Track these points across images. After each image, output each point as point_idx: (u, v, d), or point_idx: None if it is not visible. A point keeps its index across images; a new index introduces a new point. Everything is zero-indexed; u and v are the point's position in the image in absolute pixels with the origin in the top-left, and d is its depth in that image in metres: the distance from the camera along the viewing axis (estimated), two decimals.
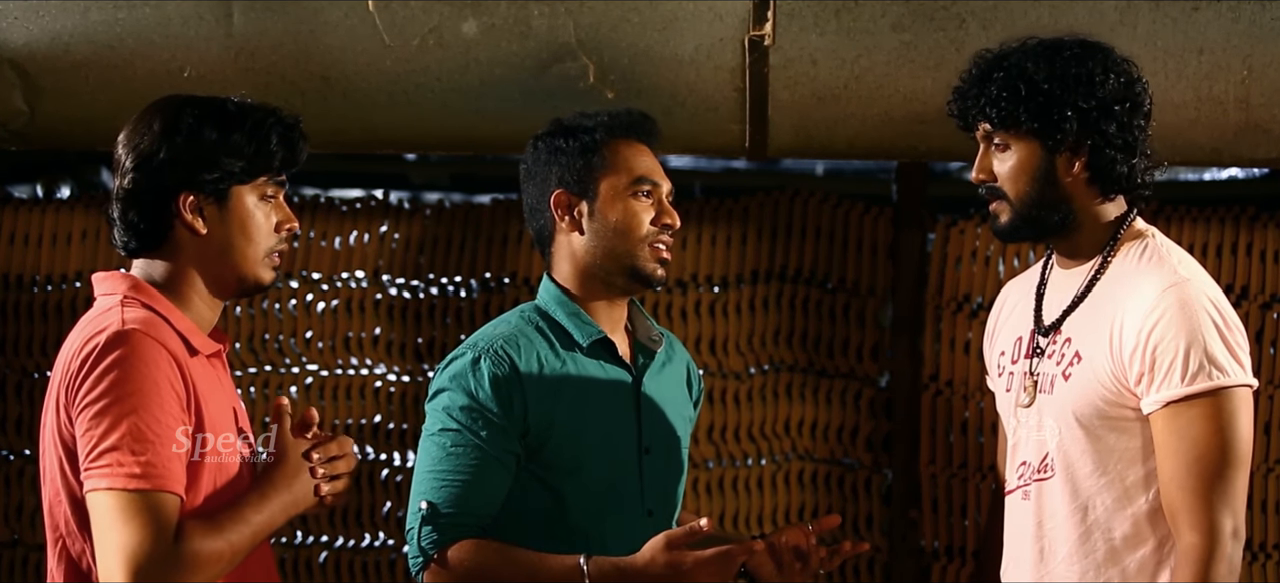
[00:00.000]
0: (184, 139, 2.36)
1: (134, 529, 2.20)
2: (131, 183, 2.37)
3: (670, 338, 2.90)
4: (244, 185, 2.40)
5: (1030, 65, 2.56)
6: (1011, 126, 2.57)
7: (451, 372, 2.68)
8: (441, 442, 2.66)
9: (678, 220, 2.75)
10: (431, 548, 2.63)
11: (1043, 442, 2.62)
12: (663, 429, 2.78)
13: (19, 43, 3.52)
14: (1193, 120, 3.52)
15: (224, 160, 2.37)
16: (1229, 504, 2.47)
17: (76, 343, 2.31)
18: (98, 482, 2.22)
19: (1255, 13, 3.44)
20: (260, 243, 2.42)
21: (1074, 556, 2.58)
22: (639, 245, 2.72)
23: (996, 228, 2.64)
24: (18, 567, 4.26)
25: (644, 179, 2.73)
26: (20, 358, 4.27)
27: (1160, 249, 2.59)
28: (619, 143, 2.75)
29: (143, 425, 2.23)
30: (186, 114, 2.38)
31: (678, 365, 2.88)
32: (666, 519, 2.78)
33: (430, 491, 2.65)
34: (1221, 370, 2.47)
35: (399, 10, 3.48)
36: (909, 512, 4.25)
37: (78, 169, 4.93)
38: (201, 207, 2.38)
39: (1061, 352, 2.61)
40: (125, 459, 2.21)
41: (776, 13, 3.47)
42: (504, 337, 2.70)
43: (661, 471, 2.77)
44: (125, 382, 2.24)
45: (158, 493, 2.22)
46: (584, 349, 2.72)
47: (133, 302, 2.34)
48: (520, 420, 2.65)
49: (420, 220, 4.30)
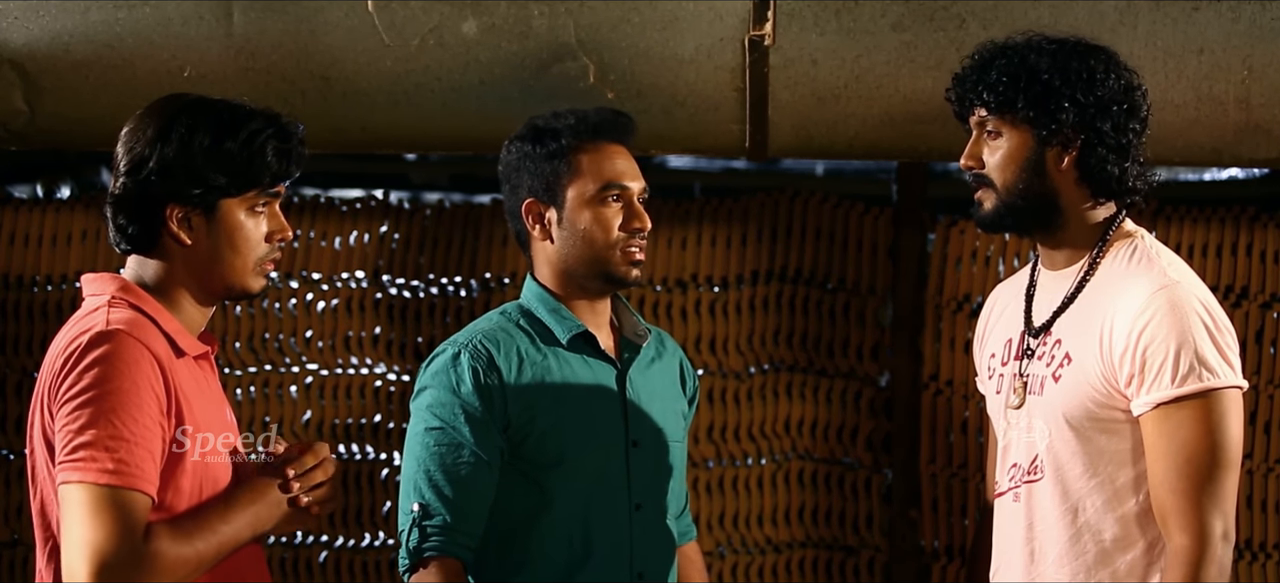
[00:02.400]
0: (173, 150, 2.34)
1: (101, 525, 2.20)
2: (122, 187, 2.36)
3: (660, 334, 2.90)
4: (232, 198, 2.38)
5: (1032, 56, 2.56)
6: (1007, 112, 2.56)
7: (433, 370, 2.70)
8: (426, 442, 2.68)
9: (648, 222, 2.74)
10: (420, 553, 2.64)
11: (1033, 444, 2.62)
12: (651, 423, 2.78)
13: (19, 43, 3.52)
14: (1193, 120, 3.52)
15: (210, 175, 2.34)
16: (1219, 506, 2.46)
17: (61, 343, 2.31)
18: (70, 475, 2.22)
19: (1255, 13, 3.44)
20: (248, 254, 2.40)
21: (1064, 558, 2.58)
22: (609, 251, 2.72)
23: (979, 216, 2.63)
24: (18, 567, 4.26)
25: (610, 184, 2.72)
26: (20, 358, 4.27)
27: (1149, 250, 2.58)
28: (585, 147, 2.73)
29: (119, 424, 2.22)
30: (181, 122, 2.35)
31: (669, 361, 2.88)
32: (657, 513, 2.78)
33: (419, 492, 2.66)
34: (1212, 372, 2.47)
35: (399, 10, 3.48)
36: (909, 512, 4.25)
37: (78, 169, 4.93)
38: (189, 217, 2.36)
39: (1051, 354, 2.60)
40: (99, 455, 2.21)
41: (776, 13, 3.47)
42: (484, 333, 2.72)
43: (651, 464, 2.77)
44: (106, 381, 2.24)
45: (128, 491, 2.22)
46: (565, 344, 2.73)
47: (119, 303, 2.34)
48: (501, 415, 2.67)
49: (420, 220, 4.30)
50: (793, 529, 4.27)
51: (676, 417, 2.85)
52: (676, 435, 2.84)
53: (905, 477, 4.25)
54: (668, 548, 2.82)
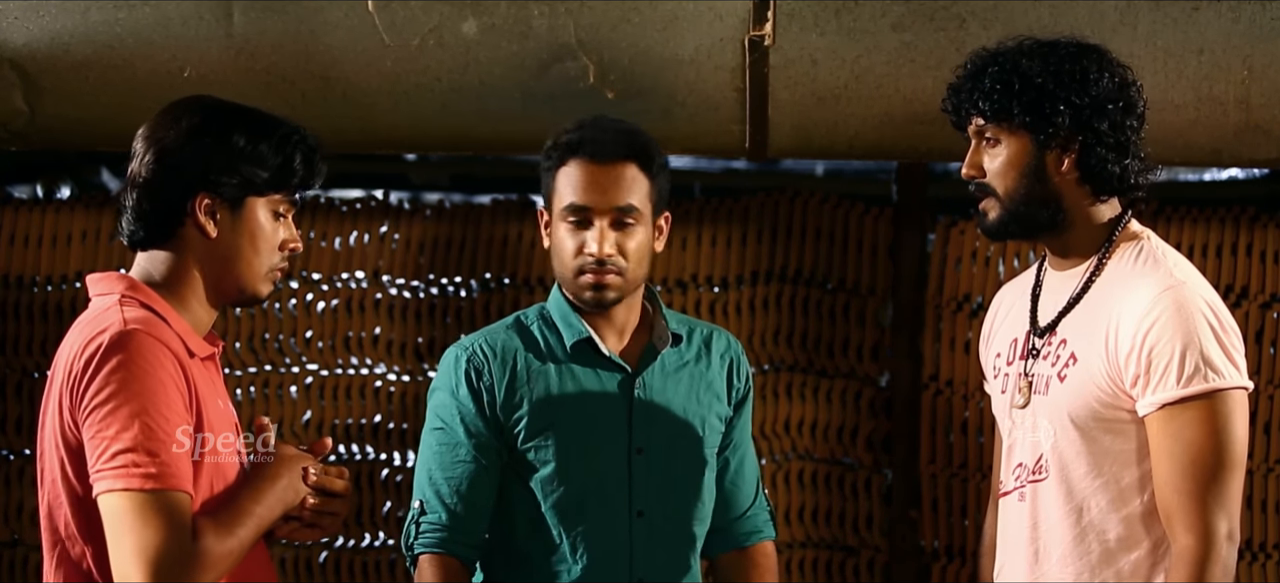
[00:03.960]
0: (212, 139, 2.35)
1: (152, 530, 2.20)
2: (150, 173, 2.36)
3: (711, 335, 2.86)
4: (260, 197, 2.39)
5: (1024, 60, 2.56)
6: (1003, 119, 2.56)
7: (441, 369, 2.76)
8: (429, 442, 2.74)
9: (603, 249, 2.68)
10: (417, 548, 2.69)
11: (1038, 443, 2.62)
12: (664, 430, 2.77)
13: (19, 43, 3.52)
14: (1193, 120, 3.52)
15: (247, 168, 2.37)
16: (1224, 507, 2.47)
17: (78, 344, 2.30)
18: (112, 483, 2.22)
19: (1255, 13, 3.44)
20: (266, 256, 2.42)
21: (1069, 557, 2.58)
22: (568, 274, 2.72)
23: (984, 225, 2.63)
24: (18, 567, 4.26)
25: (572, 206, 2.69)
26: (20, 358, 4.27)
27: (1156, 251, 2.58)
28: (566, 163, 2.72)
29: (153, 425, 2.23)
30: (219, 117, 2.38)
31: (710, 364, 2.84)
32: (664, 521, 2.77)
33: (421, 488, 2.72)
34: (1217, 373, 2.47)
35: (399, 10, 3.48)
36: (909, 512, 4.25)
37: (78, 169, 4.93)
38: (216, 209, 2.37)
39: (1057, 353, 2.61)
40: (141, 459, 2.21)
41: (776, 13, 3.47)
42: (486, 335, 2.76)
43: (658, 472, 2.76)
44: (132, 383, 2.24)
45: (172, 493, 2.22)
46: (568, 350, 2.74)
47: (131, 301, 2.34)
48: (495, 418, 2.70)
49: (420, 220, 4.30)
50: (793, 529, 4.27)
51: (708, 422, 2.82)
52: (706, 442, 2.81)
53: (905, 477, 4.25)
54: (677, 556, 2.79)
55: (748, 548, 2.91)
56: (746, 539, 2.91)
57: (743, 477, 2.90)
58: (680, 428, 2.79)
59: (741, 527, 2.90)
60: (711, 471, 2.83)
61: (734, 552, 2.91)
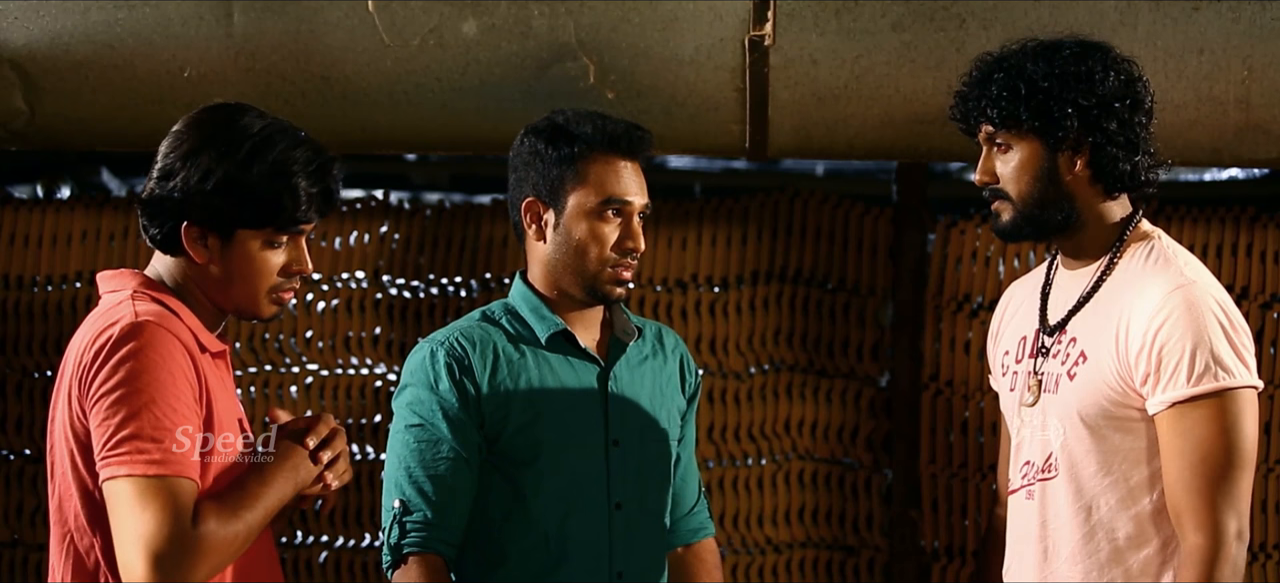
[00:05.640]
0: (197, 174, 2.35)
1: (153, 515, 2.21)
2: (149, 193, 2.38)
3: (660, 331, 2.89)
4: (249, 230, 2.38)
5: (1029, 65, 2.56)
6: (1012, 126, 2.57)
7: (411, 366, 2.71)
8: (406, 439, 2.69)
9: (641, 244, 2.71)
10: (400, 550, 2.66)
11: (1047, 442, 2.62)
12: (636, 422, 2.77)
13: (19, 43, 3.52)
14: (1193, 120, 3.52)
15: (226, 207, 2.35)
16: (1233, 506, 2.47)
17: (88, 336, 2.31)
18: (116, 470, 2.23)
19: (1255, 13, 3.44)
20: (259, 285, 2.41)
21: (1077, 556, 2.58)
22: (598, 266, 2.70)
23: (998, 227, 2.64)
24: (18, 567, 4.26)
25: (613, 199, 2.69)
26: (20, 358, 4.27)
27: (1166, 250, 2.59)
28: (597, 157, 2.70)
29: (160, 415, 2.24)
30: (216, 145, 2.35)
31: (666, 359, 2.86)
32: (640, 513, 2.77)
33: (400, 489, 2.67)
34: (1227, 372, 2.47)
35: (399, 10, 3.48)
36: (909, 512, 4.25)
37: (78, 169, 4.94)
38: (204, 236, 2.37)
39: (1067, 352, 2.61)
40: (145, 446, 2.22)
41: (776, 13, 3.47)
42: (461, 330, 2.73)
43: (634, 464, 2.76)
44: (141, 373, 2.25)
45: (176, 479, 2.24)
46: (544, 342, 2.73)
47: (143, 296, 2.36)
48: (477, 413, 2.67)
49: (420, 220, 4.30)
50: (793, 530, 4.27)
51: (670, 415, 2.84)
52: (670, 434, 2.83)
53: (905, 477, 4.25)
54: (653, 548, 2.80)
55: (693, 544, 2.92)
56: (692, 536, 2.91)
57: (691, 473, 2.91)
58: (649, 421, 2.80)
59: (688, 523, 2.91)
60: (674, 463, 2.85)
61: (681, 549, 2.91)
